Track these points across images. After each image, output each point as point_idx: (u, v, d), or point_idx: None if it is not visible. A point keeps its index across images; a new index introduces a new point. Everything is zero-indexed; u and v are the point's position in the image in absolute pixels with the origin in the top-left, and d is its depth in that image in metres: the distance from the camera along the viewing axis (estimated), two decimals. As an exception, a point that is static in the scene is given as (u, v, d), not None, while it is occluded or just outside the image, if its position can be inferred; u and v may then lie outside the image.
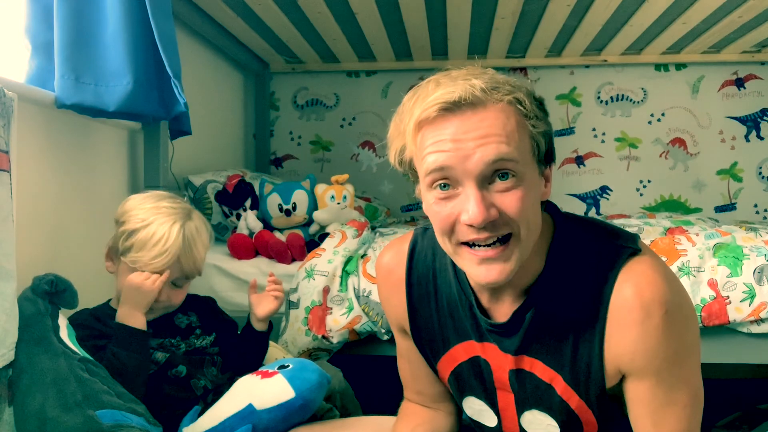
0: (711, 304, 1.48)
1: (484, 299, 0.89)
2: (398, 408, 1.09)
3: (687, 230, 1.68)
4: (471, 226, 0.76)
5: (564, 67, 2.83)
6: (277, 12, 2.13)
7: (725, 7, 2.08)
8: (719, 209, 2.83)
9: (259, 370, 1.11)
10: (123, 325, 1.11)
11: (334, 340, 1.57)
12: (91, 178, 1.50)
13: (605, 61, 2.76)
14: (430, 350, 0.97)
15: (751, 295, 1.47)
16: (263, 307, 1.31)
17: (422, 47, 2.63)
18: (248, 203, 1.91)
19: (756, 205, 2.83)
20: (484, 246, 0.77)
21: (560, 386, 0.87)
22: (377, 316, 1.56)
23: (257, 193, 1.91)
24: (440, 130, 0.76)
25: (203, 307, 1.33)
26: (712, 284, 1.49)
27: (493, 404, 0.95)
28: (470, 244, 0.78)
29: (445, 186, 0.78)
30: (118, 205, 1.23)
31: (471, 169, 0.75)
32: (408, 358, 1.03)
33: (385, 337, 1.57)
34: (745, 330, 1.51)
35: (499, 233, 0.77)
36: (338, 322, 1.57)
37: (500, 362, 0.90)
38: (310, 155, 3.00)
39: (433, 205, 0.80)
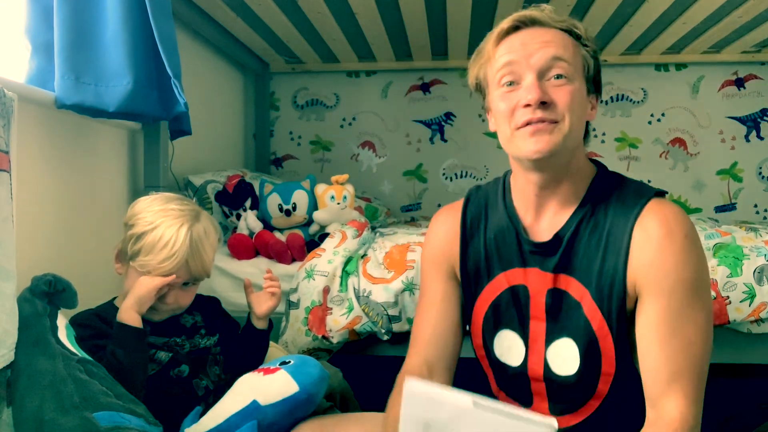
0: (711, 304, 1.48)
1: (528, 218, 1.04)
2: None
3: (687, 230, 1.67)
4: (528, 106, 0.93)
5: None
6: (277, 12, 2.13)
7: (725, 7, 2.08)
8: (719, 209, 2.83)
9: (261, 367, 1.11)
10: (121, 323, 1.12)
11: (334, 341, 1.57)
12: (91, 178, 1.50)
13: (605, 61, 2.76)
14: (475, 281, 1.10)
15: (751, 295, 1.47)
16: (262, 305, 1.31)
17: (422, 47, 2.63)
18: (248, 203, 1.91)
19: (756, 205, 2.83)
20: (536, 123, 0.94)
21: (587, 304, 0.99)
22: (377, 317, 1.56)
23: (257, 193, 1.91)
24: (513, 40, 0.97)
25: (208, 308, 1.33)
26: (712, 284, 1.49)
27: (524, 335, 1.05)
28: (527, 125, 0.94)
29: (511, 83, 0.96)
30: (118, 205, 1.23)
31: (533, 63, 0.94)
32: (438, 309, 1.11)
33: (385, 338, 1.57)
34: (745, 330, 1.51)
35: (548, 116, 0.93)
36: (338, 323, 1.57)
37: (539, 285, 1.03)
38: (310, 155, 3.00)
39: (500, 101, 0.98)
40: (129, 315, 1.12)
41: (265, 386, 1.04)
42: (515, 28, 0.98)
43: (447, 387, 1.03)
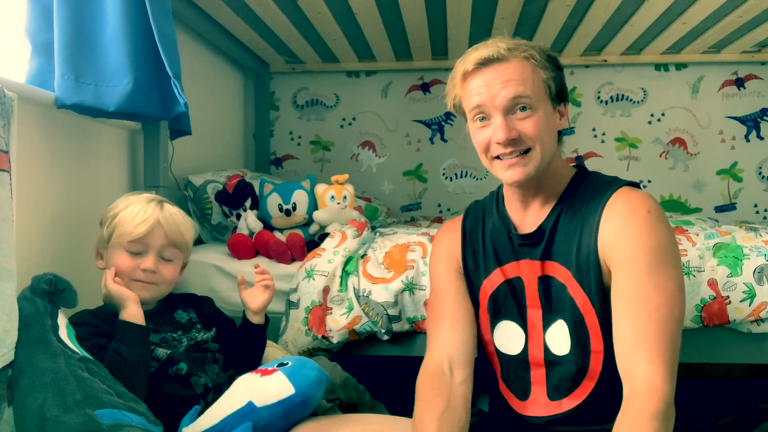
0: (711, 304, 1.48)
1: (517, 218, 1.17)
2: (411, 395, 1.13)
3: (687, 230, 1.67)
4: (499, 143, 1.06)
5: (564, 67, 2.83)
6: (277, 12, 2.13)
7: (725, 7, 2.08)
8: (719, 209, 2.83)
9: (259, 368, 1.11)
10: (123, 321, 1.14)
11: (334, 340, 1.57)
12: (91, 178, 1.50)
13: (605, 61, 2.76)
14: (475, 276, 1.21)
15: (751, 295, 1.47)
16: (256, 299, 1.35)
17: (422, 47, 2.63)
18: (248, 203, 1.91)
19: (756, 205, 2.83)
20: (509, 157, 1.07)
21: (571, 284, 1.09)
22: (377, 316, 1.56)
23: (257, 193, 1.91)
24: (478, 79, 1.08)
25: (202, 305, 1.35)
26: (712, 284, 1.49)
27: (523, 324, 1.15)
28: (500, 157, 1.09)
29: (482, 118, 1.09)
30: (118, 206, 1.25)
31: (497, 104, 1.06)
32: (454, 304, 1.19)
33: (385, 338, 1.57)
34: (745, 330, 1.51)
35: (519, 148, 1.07)
36: (338, 322, 1.57)
37: (531, 274, 1.13)
38: (310, 155, 3.00)
39: (476, 135, 1.11)
40: (131, 311, 1.14)
41: (261, 388, 1.04)
42: (477, 68, 1.08)
43: None
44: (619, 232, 1.02)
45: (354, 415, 1.14)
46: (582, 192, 1.12)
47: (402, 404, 1.27)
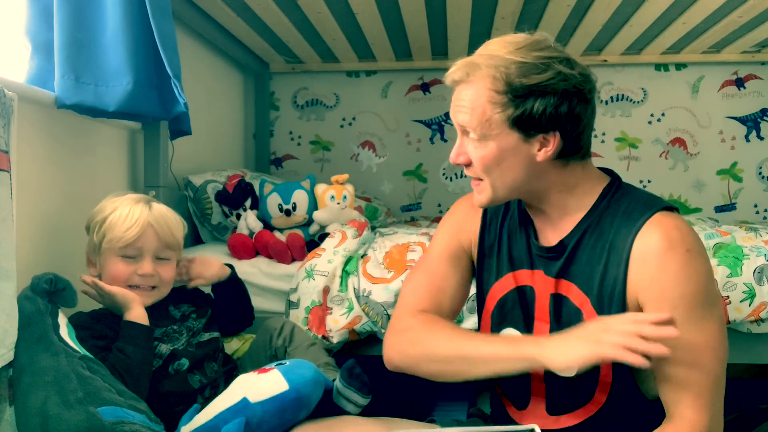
0: (711, 304, 1.48)
1: (539, 222, 1.07)
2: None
3: (687, 230, 1.67)
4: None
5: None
6: (277, 12, 2.13)
7: (725, 7, 2.08)
8: (719, 209, 2.83)
9: (259, 368, 1.11)
10: (129, 321, 1.14)
11: (334, 340, 1.57)
12: (91, 178, 1.50)
13: (605, 61, 2.75)
14: (485, 274, 1.13)
15: (751, 295, 1.47)
16: (205, 270, 1.37)
17: (422, 47, 2.63)
18: (248, 203, 1.91)
19: (756, 205, 2.83)
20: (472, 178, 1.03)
21: (587, 311, 1.00)
22: (377, 316, 1.56)
23: (257, 193, 1.91)
24: (453, 95, 1.02)
25: (191, 295, 1.36)
26: (712, 284, 1.49)
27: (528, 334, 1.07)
28: None
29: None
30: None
31: (456, 125, 1.02)
32: (440, 285, 1.12)
33: (385, 337, 1.57)
34: (745, 330, 1.51)
35: (472, 175, 1.03)
36: (338, 322, 1.57)
37: (544, 288, 1.05)
38: (310, 155, 3.00)
39: None
40: (136, 312, 1.15)
41: (256, 384, 1.05)
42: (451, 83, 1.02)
43: (433, 426, 1.05)
44: (656, 275, 0.92)
45: (352, 417, 1.13)
46: (613, 209, 1.00)
47: (402, 404, 1.27)
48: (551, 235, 1.05)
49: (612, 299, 0.97)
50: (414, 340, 1.05)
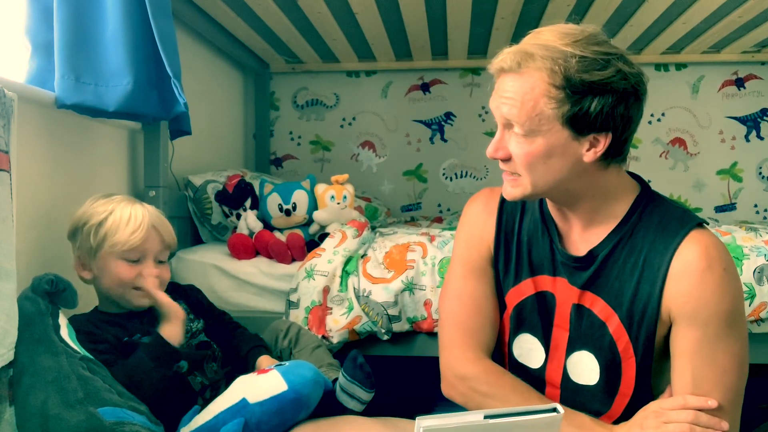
0: (711, 304, 1.48)
1: (564, 227, 1.04)
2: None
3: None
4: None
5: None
6: (277, 12, 2.13)
7: (725, 7, 2.08)
8: (719, 209, 2.83)
9: (258, 370, 1.11)
10: (161, 337, 1.12)
11: (334, 340, 1.57)
12: (91, 178, 1.50)
13: (605, 61, 2.75)
14: (503, 278, 1.10)
15: (751, 295, 1.47)
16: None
17: (422, 47, 2.62)
18: (248, 203, 1.90)
19: (756, 205, 2.83)
20: (505, 172, 0.99)
21: (613, 325, 0.98)
22: (377, 316, 1.56)
23: (257, 193, 1.91)
24: (497, 83, 0.97)
25: (188, 294, 1.35)
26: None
27: (546, 342, 1.06)
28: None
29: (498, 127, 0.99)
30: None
31: (497, 117, 0.97)
32: (475, 307, 1.09)
33: (385, 338, 1.57)
34: (745, 330, 1.51)
35: (509, 169, 0.98)
36: (338, 322, 1.57)
37: (566, 296, 1.02)
38: (310, 155, 3.00)
39: None
40: (174, 331, 1.14)
41: (255, 384, 1.05)
42: (496, 72, 0.97)
43: (455, 414, 1.05)
44: (694, 292, 0.92)
45: (351, 417, 1.13)
46: (645, 223, 0.98)
47: (402, 405, 1.27)
48: (578, 242, 1.02)
49: (644, 316, 0.96)
50: (482, 393, 1.04)
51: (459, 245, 1.15)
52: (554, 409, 0.72)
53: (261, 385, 1.04)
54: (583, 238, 1.01)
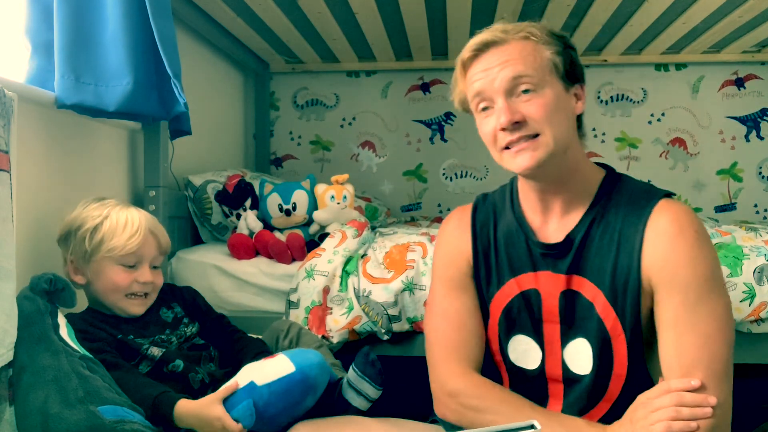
0: (711, 304, 1.48)
1: (536, 222, 1.07)
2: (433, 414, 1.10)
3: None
4: (504, 129, 0.98)
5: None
6: (277, 12, 2.13)
7: (725, 7, 2.08)
8: (719, 209, 2.83)
9: (265, 356, 1.13)
10: (178, 414, 1.03)
11: (334, 340, 1.57)
12: (91, 178, 1.50)
13: (605, 61, 2.75)
14: (486, 287, 1.11)
15: (751, 295, 1.47)
16: None
17: (422, 47, 2.63)
18: (248, 203, 1.90)
19: (756, 205, 2.83)
20: (517, 143, 0.98)
21: (600, 304, 1.01)
22: (377, 316, 1.56)
23: (257, 193, 1.91)
24: (477, 66, 1.02)
25: (184, 296, 1.34)
26: (712, 284, 1.49)
27: (539, 339, 1.07)
28: (509, 147, 0.99)
29: (485, 107, 1.01)
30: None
31: (497, 87, 0.98)
32: (459, 322, 1.10)
33: (385, 338, 1.57)
34: (745, 330, 1.51)
35: (525, 133, 0.97)
36: (338, 322, 1.57)
37: (551, 288, 1.04)
38: (310, 155, 3.00)
39: (481, 126, 1.03)
40: (189, 411, 1.03)
41: (262, 369, 1.06)
42: (475, 55, 1.02)
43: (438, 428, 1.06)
44: (669, 256, 0.95)
45: (352, 417, 1.13)
46: (616, 200, 1.03)
47: (402, 405, 1.27)
48: (557, 230, 1.05)
49: (626, 289, 0.99)
50: (473, 407, 1.04)
51: (438, 265, 1.17)
52: (531, 426, 0.73)
53: (268, 367, 1.06)
54: (561, 224, 1.05)
